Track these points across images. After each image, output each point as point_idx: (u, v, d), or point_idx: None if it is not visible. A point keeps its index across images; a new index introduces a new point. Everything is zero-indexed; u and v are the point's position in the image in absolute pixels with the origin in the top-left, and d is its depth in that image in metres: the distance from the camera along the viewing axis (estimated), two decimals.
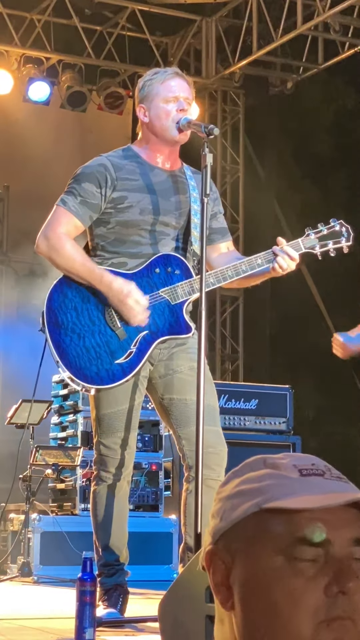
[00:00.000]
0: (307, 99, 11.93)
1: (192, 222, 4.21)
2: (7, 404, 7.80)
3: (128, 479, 4.22)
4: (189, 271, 4.18)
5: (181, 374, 4.17)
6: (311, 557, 1.10)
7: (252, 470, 1.18)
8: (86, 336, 4.10)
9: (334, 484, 1.14)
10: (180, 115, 4.16)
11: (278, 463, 1.17)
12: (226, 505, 1.16)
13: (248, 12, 10.11)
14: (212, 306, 10.76)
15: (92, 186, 4.15)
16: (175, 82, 4.22)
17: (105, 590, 4.12)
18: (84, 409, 7.19)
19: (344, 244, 4.31)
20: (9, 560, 7.12)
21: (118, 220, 4.17)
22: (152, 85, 4.22)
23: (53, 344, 4.11)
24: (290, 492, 1.11)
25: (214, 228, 4.36)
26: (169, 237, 4.20)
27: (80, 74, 10.42)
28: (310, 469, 1.15)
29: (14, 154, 10.39)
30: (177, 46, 10.95)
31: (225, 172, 11.25)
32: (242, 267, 4.18)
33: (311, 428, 11.54)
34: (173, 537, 7.14)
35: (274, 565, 1.11)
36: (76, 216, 4.15)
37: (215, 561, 1.17)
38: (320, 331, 11.68)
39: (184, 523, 4.15)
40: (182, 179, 4.29)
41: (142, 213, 4.16)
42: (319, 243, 4.27)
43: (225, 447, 4.16)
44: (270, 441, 7.74)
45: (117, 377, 4.08)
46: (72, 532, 6.78)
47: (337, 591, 1.09)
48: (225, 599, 1.16)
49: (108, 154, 4.28)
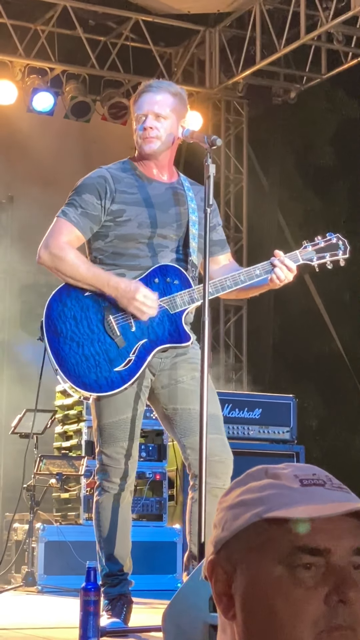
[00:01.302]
0: (311, 109, 11.95)
1: (191, 233, 4.23)
2: (11, 414, 7.81)
3: (131, 488, 4.22)
4: (187, 281, 4.20)
5: (184, 383, 4.18)
6: (311, 566, 1.11)
7: (254, 480, 1.18)
8: (85, 344, 4.12)
9: (335, 494, 1.15)
10: (146, 134, 4.21)
11: (279, 473, 1.18)
12: (228, 515, 1.17)
13: (251, 22, 10.14)
14: (216, 315, 10.76)
15: (93, 197, 4.18)
16: (143, 98, 4.27)
17: (109, 600, 4.12)
18: (88, 419, 7.19)
19: (341, 257, 4.40)
20: (13, 569, 7.12)
21: (116, 234, 4.19)
22: (134, 103, 4.32)
23: (52, 353, 4.13)
24: (291, 502, 1.12)
25: (214, 240, 4.37)
26: (167, 249, 4.23)
27: (84, 85, 10.44)
28: (311, 479, 1.16)
29: (18, 164, 10.41)
30: (180, 56, 10.97)
31: (229, 182, 11.26)
32: (241, 277, 4.21)
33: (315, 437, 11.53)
34: (177, 546, 7.13)
35: (275, 575, 1.11)
36: (77, 227, 4.17)
37: (217, 571, 1.18)
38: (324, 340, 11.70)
39: (188, 532, 4.15)
40: (180, 190, 4.32)
41: (140, 227, 4.18)
42: (317, 255, 4.34)
43: (230, 455, 4.17)
44: (274, 450, 7.73)
45: (115, 384, 4.10)
46: (76, 541, 6.78)
47: (338, 600, 1.09)
48: (227, 608, 1.17)
49: (108, 166, 4.31)
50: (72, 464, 7.17)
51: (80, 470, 7.12)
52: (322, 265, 4.37)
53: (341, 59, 10.30)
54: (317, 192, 12.72)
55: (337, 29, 9.59)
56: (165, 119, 4.22)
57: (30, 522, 6.86)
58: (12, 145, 10.39)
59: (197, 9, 10.29)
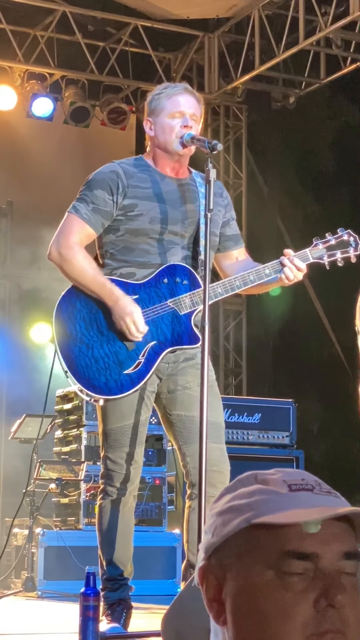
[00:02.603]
0: (309, 114, 11.96)
1: (201, 230, 4.20)
2: (11, 419, 7.82)
3: (134, 493, 4.22)
4: (197, 281, 4.17)
5: (190, 390, 4.16)
6: (300, 571, 1.11)
7: (244, 486, 1.19)
8: (95, 347, 4.11)
9: (323, 498, 1.15)
10: (184, 131, 4.18)
11: (268, 479, 1.18)
12: (218, 521, 1.18)
13: (250, 27, 10.15)
14: (216, 320, 10.76)
15: (104, 193, 4.15)
16: (182, 98, 4.24)
17: (109, 604, 4.11)
18: (88, 424, 7.19)
19: (352, 254, 4.30)
20: (13, 575, 7.12)
21: (127, 228, 4.17)
22: (160, 100, 4.24)
23: (62, 355, 4.11)
24: (279, 507, 1.13)
25: (227, 235, 4.36)
26: (178, 247, 4.20)
27: (84, 90, 10.45)
28: (299, 484, 1.16)
29: (18, 170, 10.42)
30: (179, 62, 10.98)
31: (228, 187, 11.26)
32: (250, 277, 4.19)
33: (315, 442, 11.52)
34: (177, 551, 7.13)
35: (264, 580, 1.12)
36: (88, 224, 4.15)
37: (207, 577, 1.18)
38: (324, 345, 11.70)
39: (186, 540, 4.15)
40: (192, 187, 4.29)
41: (152, 222, 4.16)
42: (327, 253, 4.28)
43: (228, 465, 4.16)
44: (274, 455, 7.73)
45: (125, 387, 4.09)
46: (76, 546, 6.78)
47: (326, 605, 1.10)
48: (218, 614, 1.17)
49: (120, 161, 4.28)
50: (71, 469, 7.17)
51: (80, 476, 7.12)
52: (332, 262, 4.29)
53: (340, 64, 10.31)
54: (316, 197, 12.73)
55: (336, 34, 9.60)
56: (196, 122, 4.25)
57: (30, 528, 6.86)
58: (11, 150, 10.40)
59: (196, 14, 10.31)
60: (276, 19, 10.10)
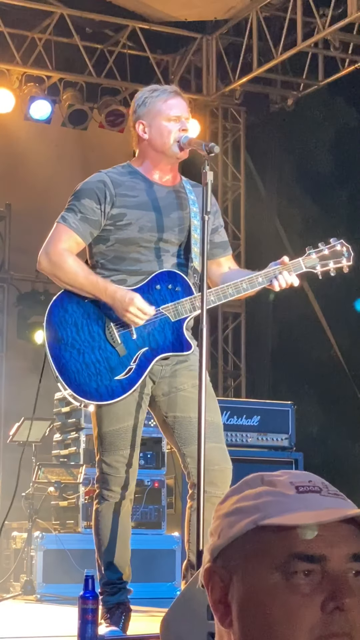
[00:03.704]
0: (308, 116, 11.95)
1: (192, 237, 4.21)
2: (9, 422, 7.80)
3: (130, 497, 4.21)
4: (189, 288, 4.18)
5: (184, 391, 4.16)
6: (308, 573, 1.10)
7: (250, 488, 1.18)
8: (86, 352, 4.10)
9: (331, 500, 1.14)
10: (181, 134, 4.18)
11: (275, 480, 1.17)
12: (224, 523, 1.17)
13: (248, 29, 10.15)
14: (214, 323, 10.76)
15: (92, 202, 4.16)
16: (176, 101, 4.25)
17: (108, 608, 4.11)
18: (87, 427, 7.18)
19: (345, 264, 4.33)
20: (12, 578, 7.11)
21: (117, 238, 4.17)
22: (154, 103, 4.23)
23: (53, 359, 4.11)
24: (286, 509, 1.12)
25: (216, 242, 4.36)
26: (169, 254, 4.21)
27: (82, 92, 10.45)
28: (307, 486, 1.15)
29: (16, 172, 10.42)
30: (177, 64, 10.98)
31: (227, 189, 11.27)
32: (243, 285, 4.19)
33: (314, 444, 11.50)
34: (176, 554, 7.12)
35: (271, 582, 1.11)
36: (77, 233, 4.16)
37: (213, 579, 1.17)
38: (322, 347, 11.69)
39: (187, 540, 4.14)
40: (182, 193, 4.29)
41: (141, 230, 4.16)
42: (320, 263, 4.29)
43: (229, 464, 4.16)
44: (273, 457, 7.73)
45: (116, 393, 4.08)
46: (75, 549, 6.77)
47: (334, 607, 1.09)
48: (224, 616, 1.16)
49: (107, 170, 4.28)
50: (70, 472, 7.16)
51: (78, 479, 7.12)
52: (325, 272, 4.31)
53: (338, 65, 10.32)
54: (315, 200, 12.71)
55: (334, 35, 9.60)
56: (189, 124, 4.27)
57: (28, 531, 6.85)
58: (9, 153, 10.40)
59: (194, 17, 10.31)
60: (274, 20, 10.10)
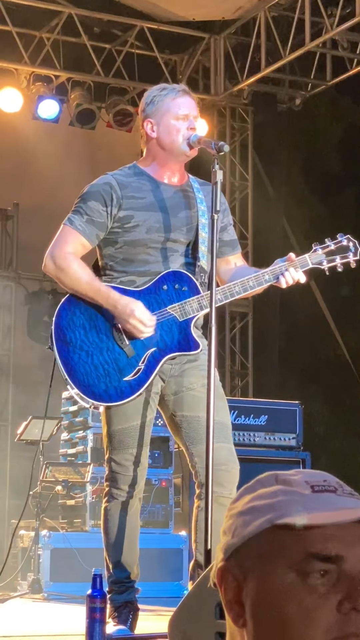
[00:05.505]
0: (316, 116, 11.96)
1: (200, 236, 4.20)
2: (18, 421, 7.81)
3: (139, 495, 4.21)
4: (196, 288, 4.17)
5: (194, 391, 4.15)
6: (324, 573, 1.10)
7: (264, 487, 1.17)
8: (94, 354, 4.10)
9: (346, 500, 1.14)
10: (190, 133, 4.19)
11: (290, 479, 1.17)
12: (238, 522, 1.16)
13: (256, 29, 10.14)
14: (222, 322, 10.75)
15: (98, 205, 4.16)
16: (185, 100, 4.25)
17: (116, 607, 4.10)
18: (94, 426, 7.19)
19: (352, 259, 4.31)
20: (19, 577, 7.11)
21: (125, 240, 4.17)
22: (163, 101, 4.23)
23: (61, 362, 4.11)
24: (302, 508, 1.11)
25: (225, 240, 4.36)
26: (177, 254, 4.20)
27: (90, 92, 10.45)
28: (322, 485, 1.15)
29: (24, 172, 10.43)
30: (185, 64, 10.98)
31: (234, 189, 11.26)
32: (250, 283, 4.18)
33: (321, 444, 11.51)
34: (183, 553, 7.12)
35: (287, 582, 1.10)
36: (83, 235, 4.15)
37: (227, 578, 1.17)
38: (330, 346, 11.68)
39: (194, 540, 4.13)
40: (190, 192, 4.28)
41: (149, 232, 4.15)
42: (327, 258, 4.28)
43: (237, 464, 4.15)
44: (280, 457, 7.72)
45: (125, 394, 4.08)
46: (82, 548, 6.77)
47: (350, 608, 1.08)
48: (238, 616, 1.16)
49: (114, 172, 4.28)
50: (77, 470, 7.16)
51: (86, 477, 7.12)
52: (332, 268, 4.30)
53: (346, 65, 10.31)
54: (322, 199, 12.72)
55: (342, 35, 9.59)
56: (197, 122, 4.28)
57: (36, 530, 6.86)
58: (17, 152, 10.41)
59: (202, 16, 10.31)
60: (282, 20, 10.09)
